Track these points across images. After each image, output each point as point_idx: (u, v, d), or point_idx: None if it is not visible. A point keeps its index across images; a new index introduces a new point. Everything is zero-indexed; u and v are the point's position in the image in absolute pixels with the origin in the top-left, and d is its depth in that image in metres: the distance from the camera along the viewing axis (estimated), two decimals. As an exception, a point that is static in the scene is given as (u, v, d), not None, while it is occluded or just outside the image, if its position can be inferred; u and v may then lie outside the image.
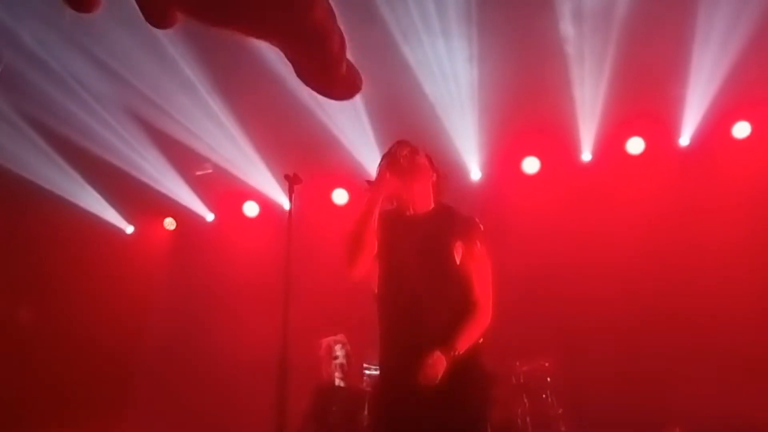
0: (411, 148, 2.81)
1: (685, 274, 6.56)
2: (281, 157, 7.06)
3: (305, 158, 6.82)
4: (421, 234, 2.58)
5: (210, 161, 7.78)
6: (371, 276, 2.62)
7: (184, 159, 7.68)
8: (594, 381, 6.26)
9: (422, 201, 2.72)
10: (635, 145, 7.29)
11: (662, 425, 5.61)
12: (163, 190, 8.01)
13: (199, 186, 8.17)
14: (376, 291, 2.65)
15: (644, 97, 6.86)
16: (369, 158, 7.68)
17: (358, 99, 6.79)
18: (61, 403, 6.82)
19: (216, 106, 6.98)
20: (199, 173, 8.02)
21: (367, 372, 6.33)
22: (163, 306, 8.01)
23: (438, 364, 2.36)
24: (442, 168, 2.94)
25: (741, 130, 7.04)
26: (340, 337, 5.59)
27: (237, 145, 7.49)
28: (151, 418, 6.90)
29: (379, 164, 2.73)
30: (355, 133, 7.35)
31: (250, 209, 8.26)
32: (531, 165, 7.60)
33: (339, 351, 5.49)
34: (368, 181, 2.82)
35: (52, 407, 6.76)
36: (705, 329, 6.28)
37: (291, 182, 3.77)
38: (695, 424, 5.47)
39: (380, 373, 2.61)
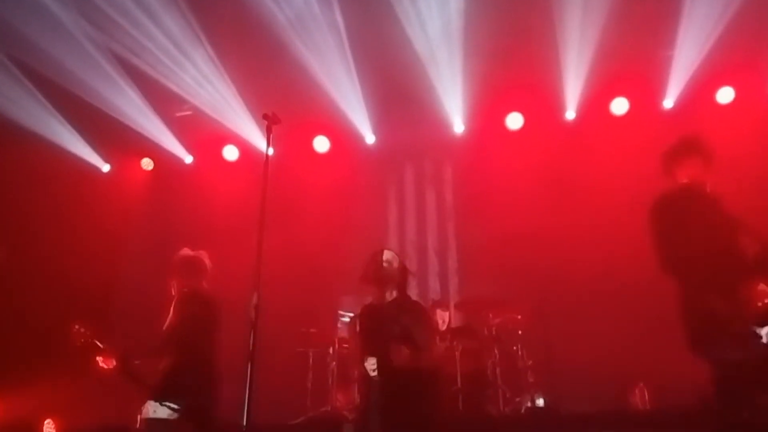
0: (377, 265, 3.91)
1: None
2: (263, 101, 6.93)
3: (288, 103, 6.69)
4: (387, 318, 3.77)
5: (189, 103, 7.61)
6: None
7: (163, 99, 7.51)
8: (564, 336, 6.38)
9: (389, 295, 3.92)
10: (619, 106, 7.29)
11: (626, 381, 5.76)
12: (141, 130, 7.84)
13: (178, 127, 8.02)
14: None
15: (631, 57, 6.81)
16: (353, 108, 7.60)
17: (346, 48, 6.71)
18: (37, 340, 6.82)
19: (198, 46, 6.80)
20: (178, 114, 7.86)
21: (342, 319, 6.41)
22: (138, 245, 7.96)
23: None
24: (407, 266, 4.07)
25: (725, 95, 7.05)
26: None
27: (218, 88, 7.34)
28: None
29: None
30: (341, 82, 7.24)
31: (230, 153, 8.16)
32: (515, 121, 7.57)
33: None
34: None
35: (28, 345, 6.76)
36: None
37: (270, 122, 3.67)
38: (658, 381, 5.62)
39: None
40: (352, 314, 6.36)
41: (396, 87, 7.26)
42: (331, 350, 6.10)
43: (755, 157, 6.55)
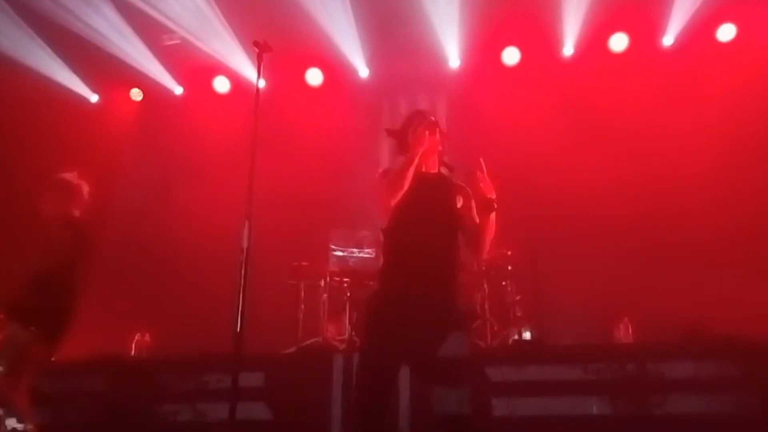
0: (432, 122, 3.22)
1: (655, 175, 6.64)
2: (254, 31, 6.75)
3: (280, 34, 6.52)
4: (429, 188, 3.07)
5: (177, 32, 7.40)
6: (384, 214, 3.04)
7: (150, 28, 7.29)
8: (552, 272, 6.48)
9: (432, 163, 3.20)
10: (618, 42, 7.14)
11: (611, 316, 5.88)
12: (129, 60, 7.65)
13: (167, 57, 7.83)
14: (387, 227, 3.04)
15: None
16: (346, 40, 7.41)
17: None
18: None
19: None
20: (167, 43, 7.64)
21: (335, 253, 6.44)
22: (128, 177, 7.90)
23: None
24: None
25: (726, 32, 6.91)
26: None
27: (207, 15, 7.12)
28: (115, 287, 6.97)
29: (414, 124, 3.17)
30: (334, 12, 7.04)
31: (221, 85, 8.00)
32: (511, 56, 7.42)
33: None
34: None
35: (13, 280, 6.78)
36: (666, 229, 6.47)
37: (261, 49, 3.57)
38: (642, 316, 5.74)
39: (385, 291, 2.99)
40: (343, 248, 6.40)
41: (391, 17, 7.07)
42: (322, 283, 6.17)
43: (755, 98, 6.49)
